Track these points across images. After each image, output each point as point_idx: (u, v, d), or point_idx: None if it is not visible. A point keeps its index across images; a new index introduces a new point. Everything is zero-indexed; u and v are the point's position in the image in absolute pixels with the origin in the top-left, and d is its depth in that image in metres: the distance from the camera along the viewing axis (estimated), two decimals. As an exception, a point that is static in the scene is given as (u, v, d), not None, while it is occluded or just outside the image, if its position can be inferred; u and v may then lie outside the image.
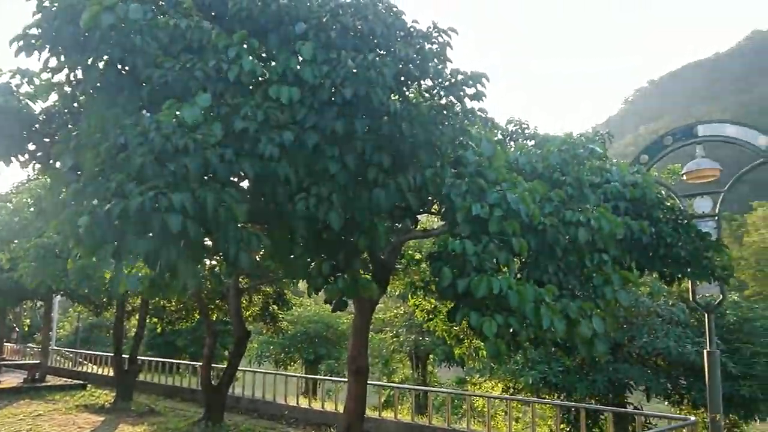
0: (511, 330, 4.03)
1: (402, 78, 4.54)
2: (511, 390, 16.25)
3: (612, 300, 4.83)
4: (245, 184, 4.68)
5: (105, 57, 4.15)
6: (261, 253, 5.33)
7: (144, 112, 4.08)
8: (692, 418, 7.83)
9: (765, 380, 13.30)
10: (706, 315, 8.50)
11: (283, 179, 4.03)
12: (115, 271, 5.02)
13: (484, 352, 6.98)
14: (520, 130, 9.27)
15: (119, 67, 4.27)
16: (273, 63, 4.43)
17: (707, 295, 8.67)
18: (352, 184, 4.25)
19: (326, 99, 4.08)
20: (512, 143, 8.87)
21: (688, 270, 6.29)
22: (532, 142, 8.64)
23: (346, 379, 7.13)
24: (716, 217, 8.41)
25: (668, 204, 6.80)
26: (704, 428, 11.72)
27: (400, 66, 4.45)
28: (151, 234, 3.50)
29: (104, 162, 3.87)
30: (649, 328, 14.23)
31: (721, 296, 8.53)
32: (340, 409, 11.25)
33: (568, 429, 14.28)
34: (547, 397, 14.72)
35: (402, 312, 22.72)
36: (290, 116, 4.13)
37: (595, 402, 13.84)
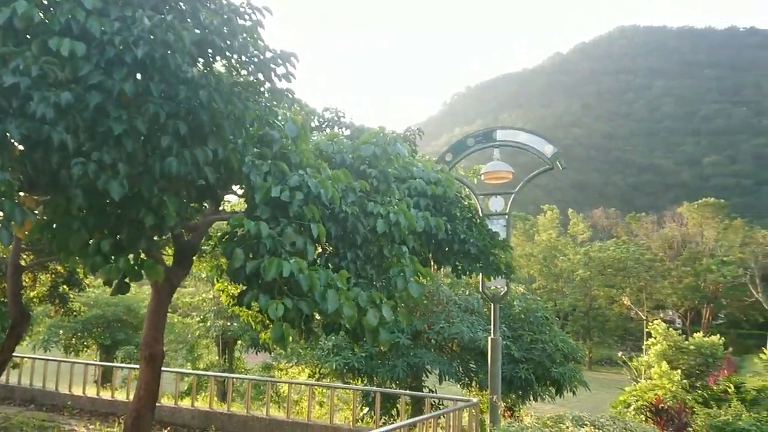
0: (303, 315, 3.99)
1: (206, 48, 4.27)
2: (317, 375, 16.49)
3: (403, 290, 5.01)
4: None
5: None
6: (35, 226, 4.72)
7: None
8: (474, 399, 8.50)
9: (540, 364, 14.90)
10: (492, 305, 9.27)
11: (58, 145, 3.58)
12: None
13: (265, 336, 6.88)
14: (336, 118, 9.35)
15: None
16: (55, 11, 3.90)
17: (495, 287, 9.46)
18: (141, 152, 3.90)
19: (115, 57, 3.68)
20: (328, 130, 8.91)
21: (478, 265, 6.76)
22: (348, 132, 8.76)
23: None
24: (506, 216, 9.20)
25: (465, 202, 7.24)
26: (488, 408, 12.86)
27: (205, 34, 4.17)
28: None
29: None
30: (447, 315, 15.22)
31: (505, 289, 9.35)
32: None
33: (367, 411, 14.83)
34: (352, 382, 15.16)
35: (211, 296, 21.93)
36: (72, 73, 3.67)
37: (395, 386, 14.52)
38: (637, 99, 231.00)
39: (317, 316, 4.27)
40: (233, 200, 7.77)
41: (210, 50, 4.27)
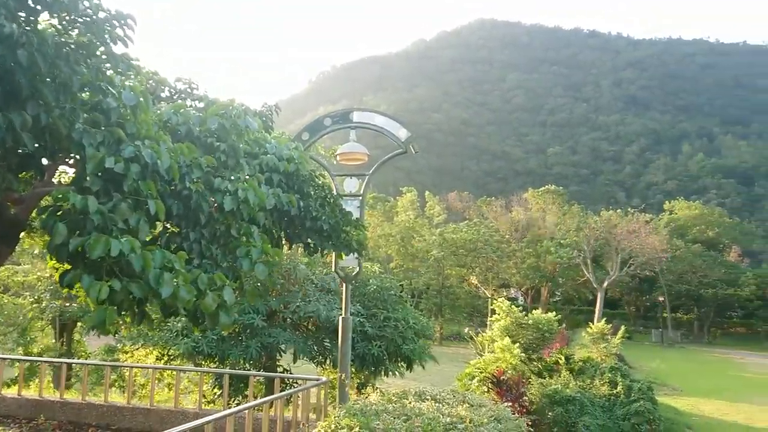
0: (135, 298, 3.75)
1: (27, 2, 3.82)
2: (166, 358, 15.79)
3: (250, 271, 4.88)
4: None
5: None
6: None
7: None
8: (324, 378, 8.58)
9: (392, 341, 15.37)
10: (344, 284, 9.37)
11: None
12: None
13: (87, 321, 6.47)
14: (189, 90, 8.88)
15: None
16: None
17: (349, 267, 9.56)
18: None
19: None
20: (179, 102, 8.43)
21: (330, 243, 6.77)
22: (202, 104, 8.35)
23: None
24: (360, 197, 9.31)
25: (319, 181, 7.20)
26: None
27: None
28: None
29: None
30: (304, 294, 15.19)
31: (358, 268, 9.49)
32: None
33: (219, 393, 14.48)
34: (203, 364, 14.69)
35: (48, 275, 20.16)
36: None
37: (249, 366, 14.28)
38: (492, 90, 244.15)
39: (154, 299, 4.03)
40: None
41: (33, 4, 3.83)
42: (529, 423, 12.30)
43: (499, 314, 22.85)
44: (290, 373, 14.83)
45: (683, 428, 17.02)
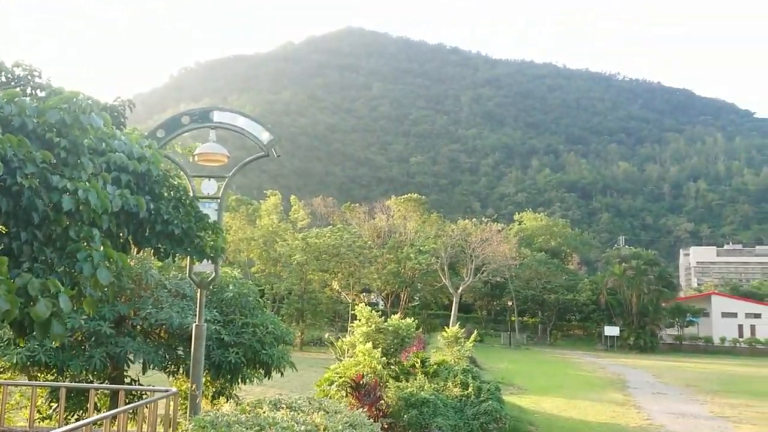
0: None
1: None
2: (-6, 370, 14.22)
3: (91, 276, 4.51)
4: None
5: None
6: None
7: None
8: (174, 389, 8.16)
9: (250, 347, 14.98)
10: (199, 290, 9.00)
11: None
12: None
13: None
14: (30, 77, 8.11)
15: None
16: None
17: (204, 272, 9.19)
18: None
19: None
20: (19, 90, 7.66)
21: (183, 248, 6.46)
22: (44, 94, 7.65)
23: None
24: (219, 200, 8.99)
25: (175, 182, 6.86)
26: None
27: None
28: None
29: None
30: (155, 300, 14.39)
31: (214, 274, 9.16)
32: None
33: (56, 406, 13.28)
34: (40, 377, 13.40)
35: None
36: None
37: (93, 378, 13.24)
38: (358, 97, 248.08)
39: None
40: None
41: None
42: (386, 426, 12.54)
43: (360, 319, 23.13)
44: (139, 384, 13.96)
45: (526, 425, 18.21)
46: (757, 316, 68.37)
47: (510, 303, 66.84)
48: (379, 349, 21.19)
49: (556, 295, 65.91)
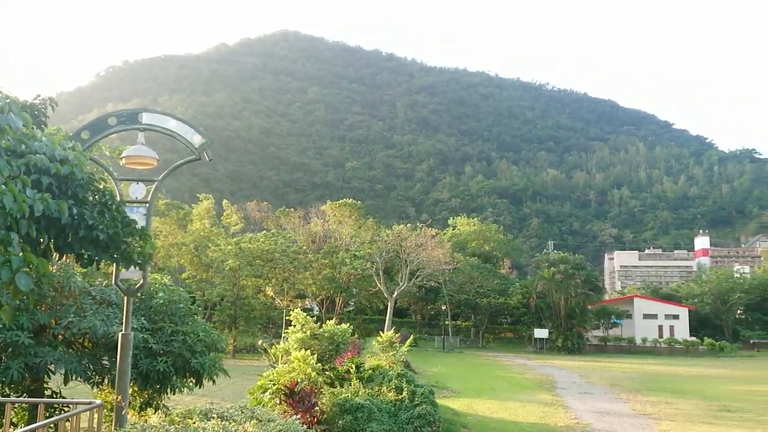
0: None
1: None
2: None
3: (8, 283, 4.28)
4: None
5: None
6: None
7: None
8: (98, 401, 7.83)
9: (180, 356, 14.56)
10: (126, 298, 8.68)
11: None
12: None
13: None
14: (-60, 72, 7.63)
15: None
16: None
17: (132, 278, 8.88)
18: None
19: None
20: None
21: (108, 254, 6.22)
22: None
23: None
24: (147, 205, 8.71)
25: (100, 186, 6.60)
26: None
27: None
28: None
29: None
30: (78, 307, 13.78)
31: (142, 280, 8.86)
32: None
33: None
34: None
35: None
36: None
37: (9, 390, 12.53)
38: (294, 101, 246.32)
39: None
40: None
41: None
42: (320, 433, 12.43)
43: (294, 325, 22.90)
44: (60, 397, 13.31)
45: (460, 428, 18.45)
46: (676, 317, 72.09)
47: (444, 307, 67.78)
48: (315, 356, 21.06)
49: (488, 299, 67.30)
